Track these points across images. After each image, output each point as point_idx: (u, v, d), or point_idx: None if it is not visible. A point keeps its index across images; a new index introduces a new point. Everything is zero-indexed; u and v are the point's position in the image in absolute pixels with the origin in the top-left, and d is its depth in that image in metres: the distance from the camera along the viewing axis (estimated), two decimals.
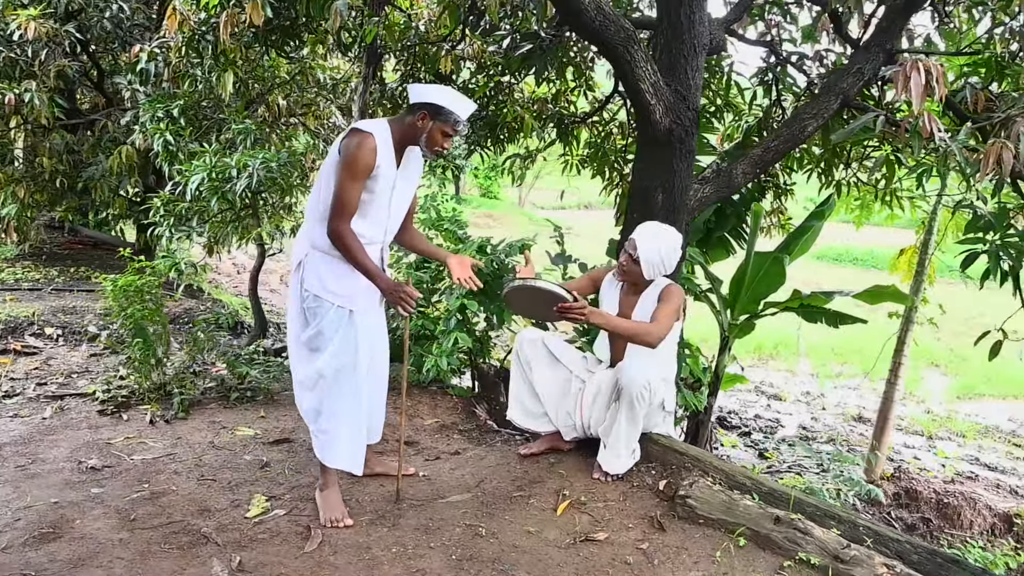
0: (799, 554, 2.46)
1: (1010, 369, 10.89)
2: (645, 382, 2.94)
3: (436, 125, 2.66)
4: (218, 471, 3.24)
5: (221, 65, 6.04)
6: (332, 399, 2.80)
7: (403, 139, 2.73)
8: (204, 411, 4.05)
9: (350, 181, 2.62)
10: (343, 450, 2.83)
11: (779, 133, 3.88)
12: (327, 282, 2.74)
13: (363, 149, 2.60)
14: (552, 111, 6.87)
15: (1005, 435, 8.54)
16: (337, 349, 2.76)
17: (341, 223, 2.64)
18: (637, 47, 3.16)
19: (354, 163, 2.60)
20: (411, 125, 2.69)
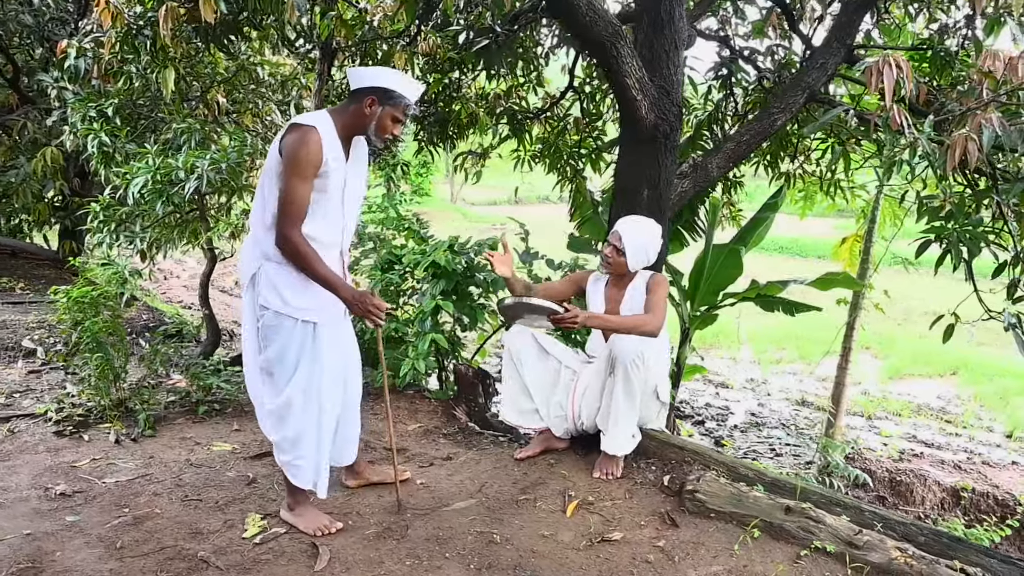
0: (814, 542, 2.50)
1: (934, 349, 11.50)
2: (638, 351, 2.96)
3: (386, 110, 2.47)
4: (202, 490, 3.07)
5: (160, 61, 5.75)
6: (301, 423, 2.63)
7: (349, 129, 2.52)
8: (172, 427, 3.85)
9: (298, 181, 2.40)
10: (309, 470, 2.70)
11: (750, 127, 3.95)
12: (286, 295, 2.52)
13: (308, 145, 2.39)
14: (504, 107, 6.83)
15: (936, 412, 9.01)
16: (305, 370, 2.58)
17: (291, 229, 2.41)
18: (624, 43, 3.15)
19: (300, 161, 2.38)
20: (357, 113, 2.48)
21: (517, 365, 3.29)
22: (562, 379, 3.27)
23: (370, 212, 5.55)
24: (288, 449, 2.68)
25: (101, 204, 5.43)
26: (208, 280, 5.93)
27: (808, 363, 11.15)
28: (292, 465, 2.69)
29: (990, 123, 3.40)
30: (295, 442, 2.66)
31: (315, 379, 2.61)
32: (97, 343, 3.83)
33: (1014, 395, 9.65)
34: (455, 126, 7.07)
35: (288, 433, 2.65)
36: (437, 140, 7.20)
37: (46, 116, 7.38)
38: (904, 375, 10.44)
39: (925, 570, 2.30)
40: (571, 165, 6.86)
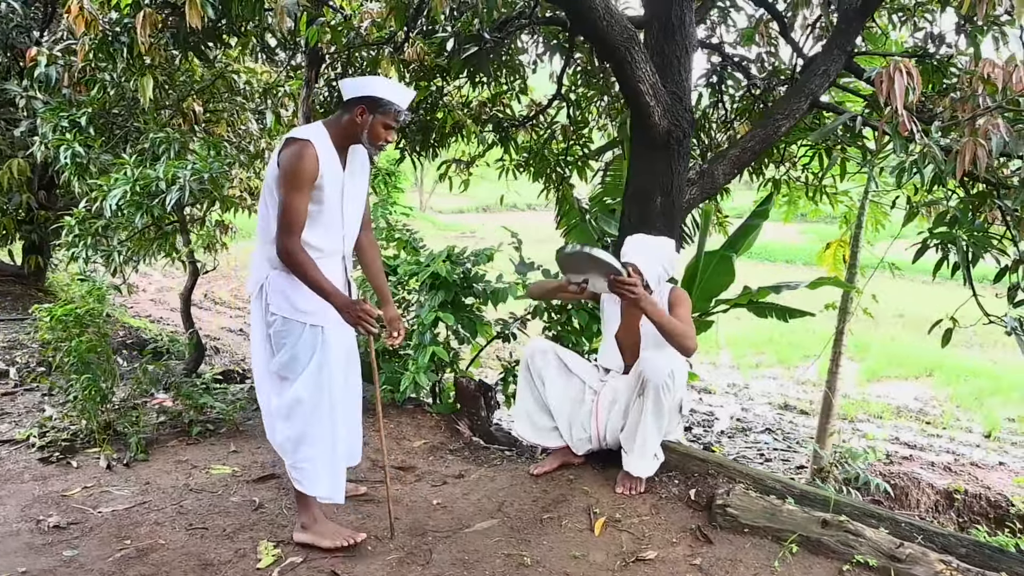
0: (855, 557, 2.44)
1: (908, 351, 11.70)
2: (670, 371, 2.89)
3: (376, 118, 2.51)
4: (206, 518, 2.92)
5: (138, 69, 5.56)
6: (311, 425, 2.63)
7: (343, 139, 2.57)
8: (165, 450, 3.67)
9: (294, 194, 2.46)
10: (324, 478, 2.67)
11: (755, 134, 3.91)
12: (295, 301, 2.57)
13: (304, 159, 2.45)
14: (489, 115, 6.75)
15: (915, 413, 9.13)
16: (314, 370, 2.61)
17: (290, 240, 2.48)
18: (638, 48, 3.09)
19: (296, 174, 2.45)
20: (349, 123, 2.53)
21: (538, 384, 3.19)
22: (585, 399, 3.18)
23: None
24: (292, 450, 2.66)
25: (76, 217, 5.22)
26: (190, 294, 5.73)
27: (787, 367, 11.24)
28: (299, 468, 2.65)
29: (997, 129, 3.41)
30: (299, 441, 2.64)
31: (325, 380, 2.62)
32: (83, 363, 3.64)
33: (988, 395, 9.83)
34: (438, 134, 6.98)
35: (293, 432, 2.64)
36: (420, 149, 7.10)
37: (13, 127, 7.09)
38: (881, 377, 10.57)
39: None
40: (557, 173, 6.81)
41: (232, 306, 13.71)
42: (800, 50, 5.15)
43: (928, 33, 5.47)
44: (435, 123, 6.92)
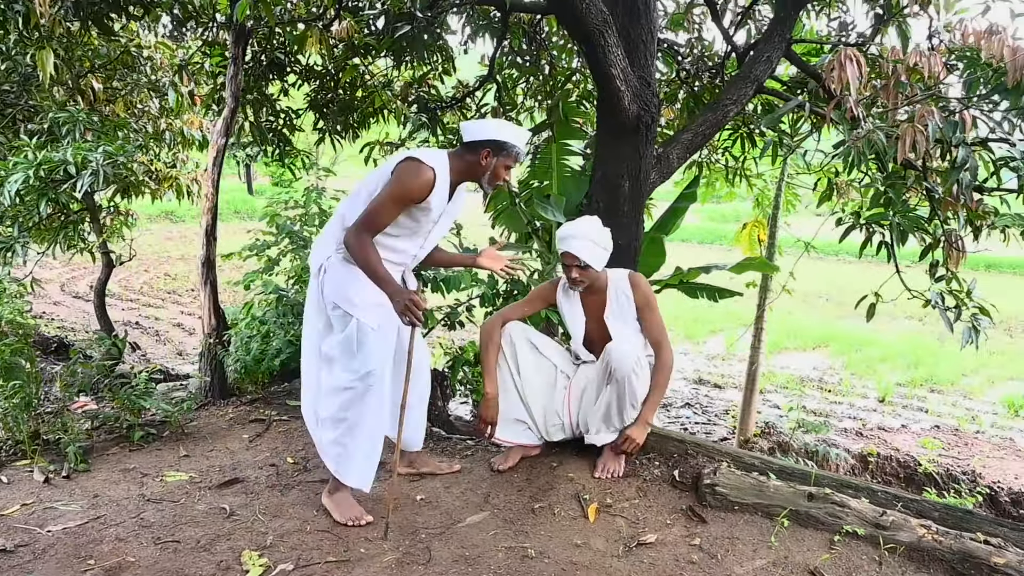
0: (843, 527, 2.56)
1: (802, 324, 12.40)
2: (637, 358, 2.92)
3: (499, 160, 2.66)
4: (174, 529, 2.72)
5: (34, 42, 5.07)
6: (356, 412, 2.69)
7: (461, 176, 2.72)
8: (106, 459, 3.40)
9: (390, 204, 2.57)
10: (356, 467, 2.75)
11: (705, 118, 3.99)
12: (349, 293, 2.65)
13: (419, 183, 2.55)
14: (415, 95, 6.59)
15: (816, 382, 9.70)
16: (361, 361, 2.66)
17: (362, 235, 2.58)
18: (611, 32, 3.08)
19: (404, 193, 2.56)
20: (473, 163, 2.67)
21: (512, 371, 3.14)
22: (558, 384, 3.16)
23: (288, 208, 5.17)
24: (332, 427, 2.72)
25: None
26: (104, 288, 5.32)
27: (695, 343, 11.68)
28: (341, 457, 2.73)
29: (932, 115, 3.62)
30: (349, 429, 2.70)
31: (377, 371, 2.67)
32: (7, 368, 3.31)
33: (878, 362, 10.57)
34: (360, 115, 6.76)
35: (342, 414, 2.70)
36: (340, 129, 6.86)
37: None
38: (782, 349, 11.16)
39: (954, 544, 2.42)
40: None
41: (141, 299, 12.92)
42: (730, 37, 5.30)
43: (842, 22, 5.76)
44: (356, 103, 6.69)
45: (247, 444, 3.56)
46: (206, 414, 4.02)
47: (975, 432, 7.61)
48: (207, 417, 3.97)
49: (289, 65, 6.36)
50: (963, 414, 8.49)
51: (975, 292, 4.25)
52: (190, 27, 6.29)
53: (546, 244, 6.75)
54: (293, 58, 6.32)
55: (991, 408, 8.85)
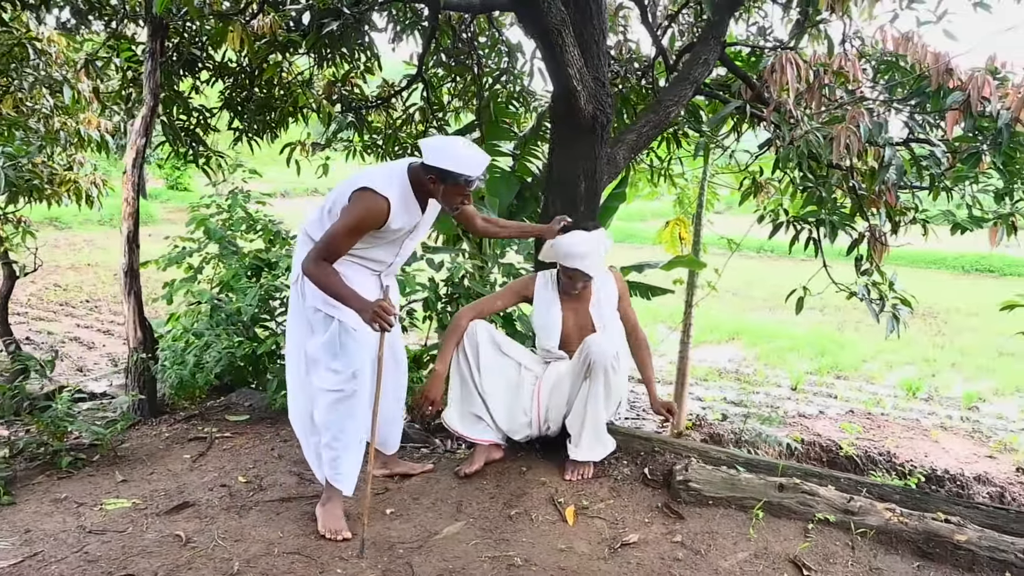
0: (815, 515, 2.64)
1: (714, 319, 12.85)
2: (615, 352, 2.94)
3: (448, 188, 2.56)
4: (125, 562, 2.50)
5: None
6: (345, 413, 2.67)
7: (424, 193, 2.64)
8: (31, 489, 3.12)
9: (345, 235, 2.53)
10: (348, 471, 2.72)
11: (648, 119, 4.04)
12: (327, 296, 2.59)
13: (371, 216, 2.52)
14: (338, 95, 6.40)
15: (732, 374, 10.06)
16: (350, 360, 2.65)
17: (319, 263, 2.51)
18: (569, 31, 3.06)
19: (357, 224, 2.53)
20: (427, 183, 2.59)
21: (473, 367, 3.08)
22: (524, 382, 3.12)
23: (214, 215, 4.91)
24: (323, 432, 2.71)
25: None
26: (7, 301, 4.88)
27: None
28: (336, 461, 2.69)
29: (863, 117, 3.79)
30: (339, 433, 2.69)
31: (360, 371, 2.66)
32: None
33: (788, 352, 11.08)
34: (280, 114, 6.51)
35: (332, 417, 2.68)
36: (259, 129, 6.58)
37: None
38: (700, 343, 11.51)
39: (918, 525, 2.53)
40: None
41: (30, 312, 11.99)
42: (659, 40, 5.41)
43: (760, 27, 5.98)
44: (275, 102, 6.44)
45: (190, 465, 3.33)
46: (137, 434, 3.75)
47: (882, 414, 8.09)
48: (139, 438, 3.70)
49: (201, 61, 6.05)
50: (868, 398, 9.00)
51: (896, 284, 4.48)
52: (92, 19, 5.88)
53: (476, 245, 6.71)
54: (206, 54, 6.01)
55: (892, 391, 9.42)
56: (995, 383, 9.87)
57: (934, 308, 14.50)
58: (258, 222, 4.99)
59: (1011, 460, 6.69)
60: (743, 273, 17.90)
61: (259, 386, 4.37)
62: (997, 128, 3.51)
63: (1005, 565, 2.41)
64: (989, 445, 7.20)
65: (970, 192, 4.43)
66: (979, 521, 2.62)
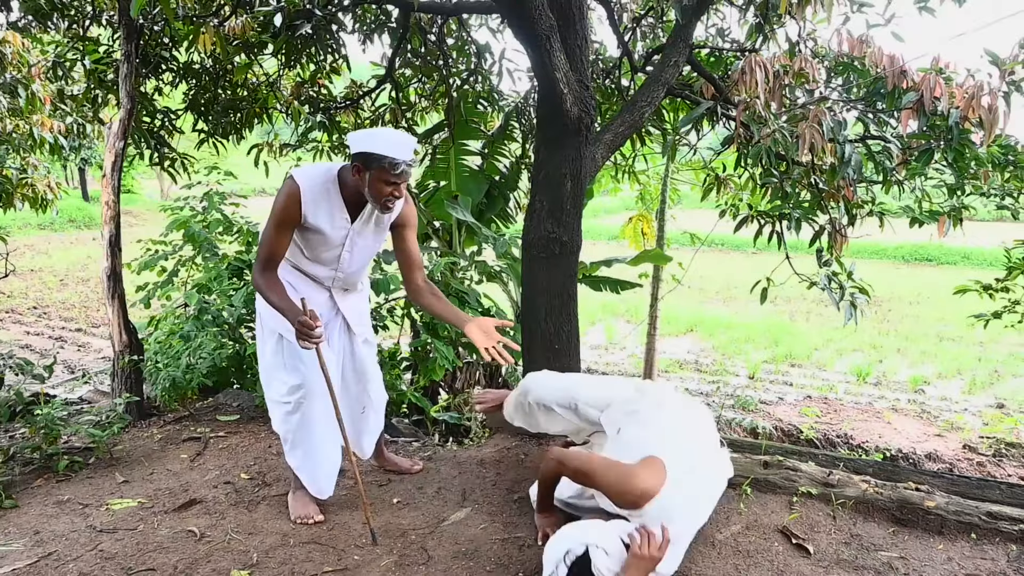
0: (799, 489, 2.83)
1: (675, 311, 13.18)
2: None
3: (372, 174, 2.41)
4: (143, 558, 2.56)
5: None
6: (295, 424, 2.75)
7: (353, 193, 2.54)
8: (32, 492, 3.12)
9: (270, 228, 2.51)
10: (307, 474, 2.81)
11: (623, 119, 4.20)
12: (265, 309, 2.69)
13: (282, 201, 2.48)
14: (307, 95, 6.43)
15: (692, 364, 10.37)
16: (293, 373, 2.70)
17: (260, 268, 2.54)
18: (556, 36, 3.19)
19: (276, 213, 2.49)
20: (353, 180, 2.49)
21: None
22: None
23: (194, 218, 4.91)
24: (288, 452, 2.81)
25: None
26: None
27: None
28: (297, 470, 2.81)
29: (825, 116, 4.03)
30: (291, 444, 2.79)
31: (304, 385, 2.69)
32: None
33: (743, 343, 11.46)
34: (246, 115, 6.51)
35: (284, 427, 2.78)
36: (224, 131, 6.56)
37: None
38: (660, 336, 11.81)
39: (893, 495, 2.75)
40: None
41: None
42: (625, 41, 5.59)
43: (719, 29, 6.22)
44: (240, 103, 6.44)
45: (189, 464, 3.38)
46: (129, 437, 3.76)
47: (836, 399, 8.47)
48: (132, 440, 3.71)
49: (165, 62, 6.01)
50: (822, 384, 9.40)
51: (855, 274, 4.75)
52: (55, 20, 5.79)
53: (446, 243, 6.81)
54: (171, 55, 5.97)
55: (843, 377, 9.85)
56: (938, 367, 10.39)
57: (878, 297, 15.11)
58: (234, 224, 5.01)
59: (958, 438, 7.11)
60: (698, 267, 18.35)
61: (244, 387, 4.41)
62: (948, 126, 3.77)
63: (970, 527, 2.64)
64: (937, 425, 7.62)
65: (920, 186, 4.74)
66: (945, 489, 2.86)
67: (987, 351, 11.26)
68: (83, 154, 19.88)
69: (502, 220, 7.02)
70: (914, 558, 2.50)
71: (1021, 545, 2.56)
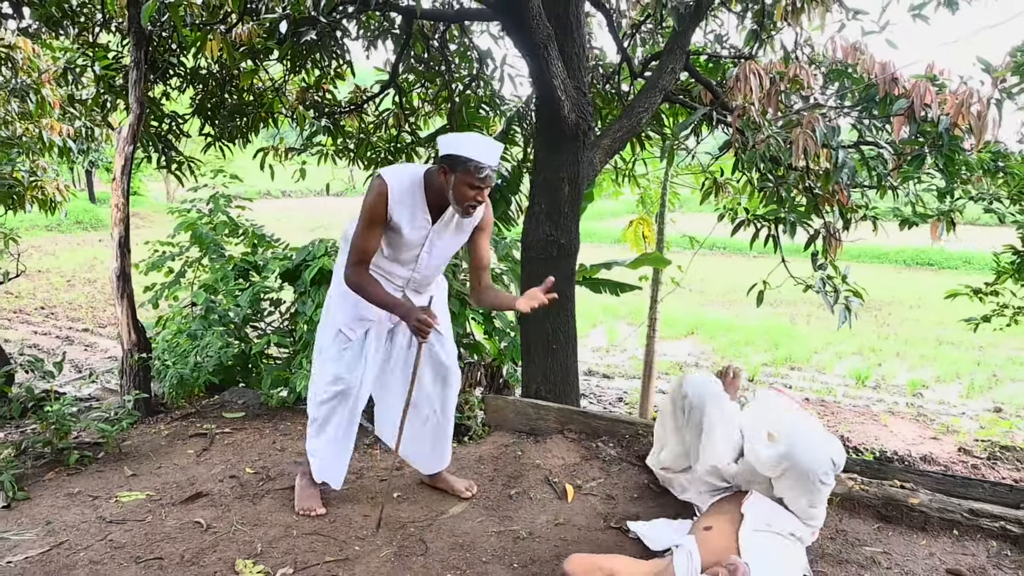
0: None
1: (676, 313, 13.25)
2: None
3: (458, 178, 2.44)
4: (151, 547, 2.65)
5: None
6: (326, 414, 2.82)
7: (437, 196, 2.56)
8: (44, 485, 3.22)
9: (361, 228, 2.57)
10: (320, 463, 2.89)
11: (621, 124, 4.30)
12: (339, 301, 2.75)
13: (371, 199, 2.53)
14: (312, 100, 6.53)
15: (692, 367, 10.44)
16: (335, 370, 2.77)
17: (354, 268, 2.60)
18: (554, 45, 3.29)
19: (364, 212, 2.56)
20: (439, 182, 2.51)
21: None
22: None
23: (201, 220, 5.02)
24: (311, 435, 2.89)
25: None
26: None
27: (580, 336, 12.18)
28: (312, 455, 2.90)
29: (818, 122, 4.11)
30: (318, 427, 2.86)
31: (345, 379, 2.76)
32: None
33: (743, 345, 11.53)
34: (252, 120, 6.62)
35: (315, 413, 2.86)
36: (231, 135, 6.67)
37: None
38: (660, 338, 11.86)
39: (878, 492, 2.83)
40: (387, 160, 6.78)
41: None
42: (624, 48, 5.68)
43: (717, 35, 6.31)
44: (246, 107, 6.54)
45: (195, 459, 3.47)
46: (137, 432, 3.86)
47: (834, 401, 8.53)
48: (140, 436, 3.81)
49: (173, 68, 6.12)
50: (820, 387, 9.46)
51: (848, 277, 4.82)
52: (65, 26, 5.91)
53: None
54: (179, 61, 6.09)
55: (842, 380, 9.91)
56: (936, 371, 10.45)
57: (878, 301, 15.16)
58: (240, 227, 5.12)
59: (953, 441, 7.17)
60: (699, 270, 18.43)
61: (249, 385, 4.51)
62: (938, 132, 3.85)
63: (953, 523, 2.72)
64: (933, 428, 7.68)
65: (914, 191, 4.82)
66: (929, 487, 2.93)
67: (986, 355, 11.30)
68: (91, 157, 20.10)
69: (504, 223, 7.10)
70: (897, 553, 2.58)
71: (1002, 541, 2.64)
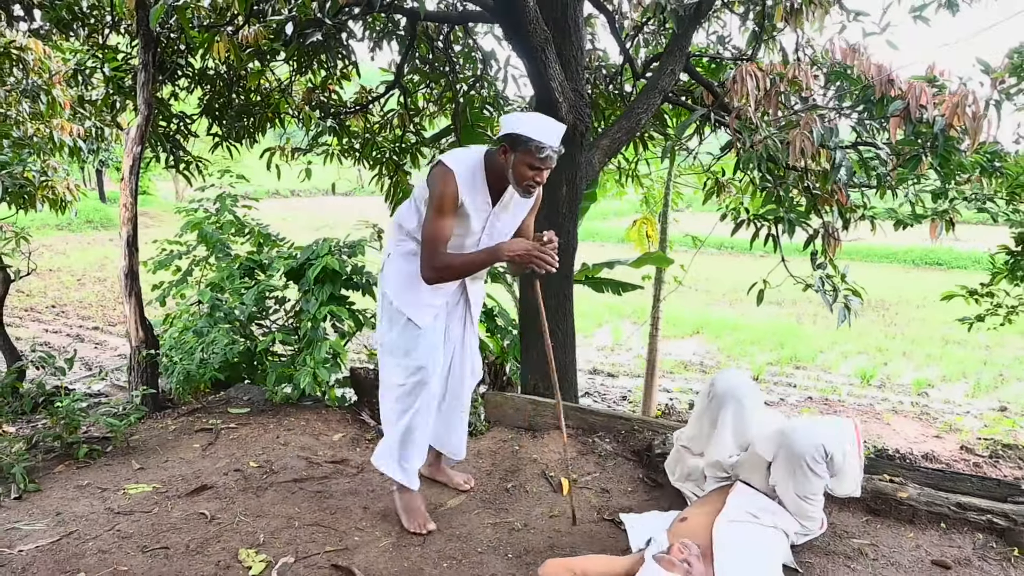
0: None
1: (680, 312, 13.29)
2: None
3: (518, 157, 2.44)
4: (158, 537, 2.73)
5: None
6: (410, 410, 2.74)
7: (497, 176, 2.56)
8: (54, 477, 3.31)
9: (437, 217, 2.51)
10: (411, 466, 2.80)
11: (621, 125, 4.36)
12: (402, 291, 2.69)
13: (442, 188, 2.49)
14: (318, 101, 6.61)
15: (697, 366, 10.49)
16: (418, 356, 2.70)
17: (434, 259, 2.52)
18: (551, 48, 3.35)
19: (437, 203, 2.50)
20: (498, 161, 2.52)
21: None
22: None
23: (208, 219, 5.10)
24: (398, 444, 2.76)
25: None
26: (1, 304, 5.01)
27: (585, 336, 12.24)
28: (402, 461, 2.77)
29: (816, 123, 4.16)
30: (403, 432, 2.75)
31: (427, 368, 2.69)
32: None
33: (748, 345, 11.56)
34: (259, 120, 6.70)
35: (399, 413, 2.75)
36: (238, 135, 6.76)
37: None
38: (664, 338, 11.91)
39: (867, 486, 2.88)
40: (393, 160, 6.86)
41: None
42: (626, 49, 5.73)
43: (720, 36, 6.35)
44: (254, 107, 6.63)
45: (201, 453, 3.55)
46: (145, 427, 3.95)
47: (838, 400, 8.56)
48: (147, 430, 3.90)
49: (181, 69, 6.22)
50: (825, 386, 9.49)
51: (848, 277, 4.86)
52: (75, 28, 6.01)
53: None
54: (186, 62, 6.18)
55: (847, 379, 9.93)
56: (942, 370, 10.45)
57: (885, 300, 15.15)
58: (246, 226, 5.20)
59: (956, 439, 7.19)
60: (705, 269, 18.47)
61: (254, 381, 4.59)
62: (933, 133, 3.89)
63: (940, 517, 2.77)
64: (936, 426, 7.70)
65: (912, 191, 4.85)
66: (919, 481, 2.98)
67: (993, 355, 11.30)
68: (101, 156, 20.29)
69: None
70: (884, 545, 2.63)
71: (988, 534, 2.69)
